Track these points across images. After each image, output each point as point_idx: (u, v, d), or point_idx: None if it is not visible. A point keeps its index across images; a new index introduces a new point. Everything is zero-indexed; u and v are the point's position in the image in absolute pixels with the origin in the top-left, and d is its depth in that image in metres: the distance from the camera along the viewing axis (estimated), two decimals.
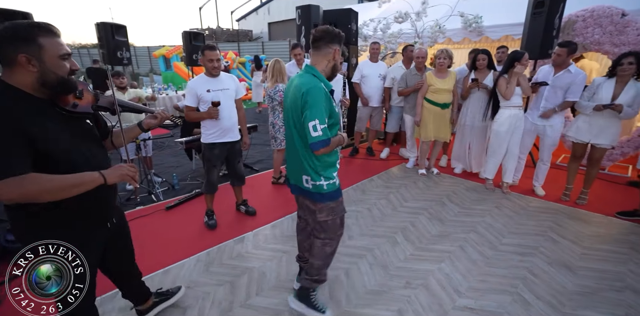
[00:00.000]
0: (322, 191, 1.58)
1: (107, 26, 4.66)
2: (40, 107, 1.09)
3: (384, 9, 5.98)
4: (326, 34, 1.50)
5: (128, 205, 3.29)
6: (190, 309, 1.85)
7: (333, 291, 1.99)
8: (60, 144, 1.09)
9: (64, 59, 1.10)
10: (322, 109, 1.44)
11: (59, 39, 1.10)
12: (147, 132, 1.52)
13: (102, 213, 1.31)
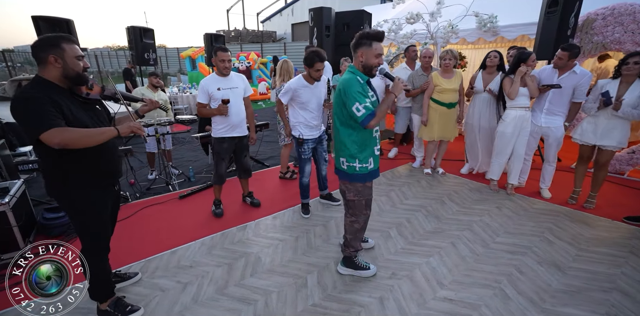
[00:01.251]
0: (353, 171, 1.92)
1: (136, 30, 5.06)
2: (65, 93, 1.50)
3: (399, 10, 6.01)
4: (352, 43, 1.83)
5: (148, 194, 3.60)
6: (190, 285, 2.06)
7: (321, 277, 2.13)
8: (81, 120, 1.49)
9: (79, 59, 1.51)
10: (357, 93, 1.76)
11: (76, 45, 1.50)
12: (142, 117, 1.91)
13: (111, 177, 1.70)
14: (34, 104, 1.36)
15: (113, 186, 1.76)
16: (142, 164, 4.63)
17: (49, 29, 4.28)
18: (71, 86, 1.52)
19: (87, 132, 1.43)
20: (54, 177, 1.55)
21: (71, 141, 1.38)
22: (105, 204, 1.68)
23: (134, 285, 2.05)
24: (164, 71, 20.65)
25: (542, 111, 3.09)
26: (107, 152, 1.61)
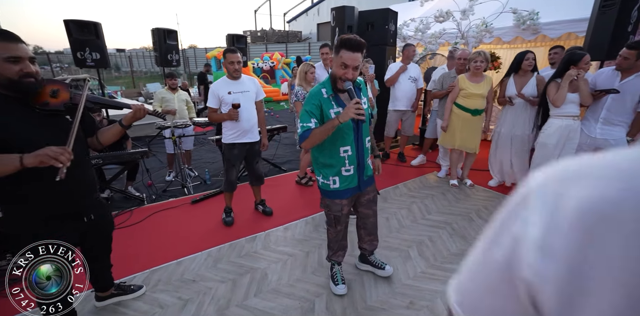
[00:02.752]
0: (318, 184, 1.91)
1: (160, 31, 5.11)
2: (8, 104, 1.27)
3: (427, 8, 5.67)
4: None
5: (163, 196, 3.58)
6: (190, 303, 1.94)
7: (330, 302, 1.94)
8: (23, 138, 1.25)
9: (11, 61, 1.21)
10: (305, 111, 1.66)
11: (10, 44, 1.21)
12: (129, 127, 1.60)
13: (70, 209, 1.45)
14: None
15: (81, 217, 1.51)
16: (161, 165, 4.66)
17: (78, 31, 4.42)
18: (19, 95, 1.28)
19: None
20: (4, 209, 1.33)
21: None
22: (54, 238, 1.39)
23: (136, 300, 1.96)
24: (191, 71, 21.28)
25: (597, 121, 2.69)
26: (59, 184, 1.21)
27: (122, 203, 3.37)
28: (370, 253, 2.20)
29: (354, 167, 1.79)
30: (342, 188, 1.82)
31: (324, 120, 1.66)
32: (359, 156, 1.79)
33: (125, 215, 3.06)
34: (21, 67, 1.24)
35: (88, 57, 4.37)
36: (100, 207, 1.67)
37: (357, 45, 1.52)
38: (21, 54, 1.24)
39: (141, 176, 3.79)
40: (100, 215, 1.65)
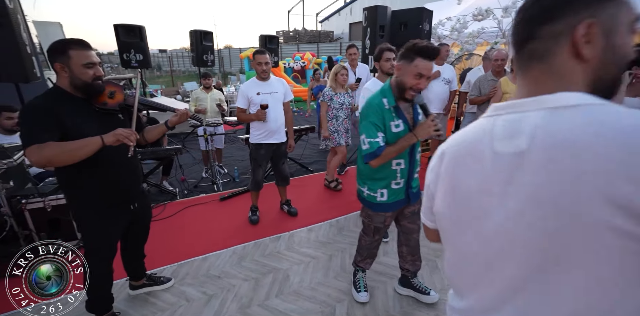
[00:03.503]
0: (362, 195, 1.79)
1: (197, 33, 5.33)
2: (77, 104, 1.43)
3: (465, 6, 5.40)
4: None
5: (194, 191, 3.73)
6: (214, 298, 2.00)
7: (352, 309, 1.90)
8: (87, 132, 1.37)
9: (87, 67, 1.39)
10: (370, 124, 1.54)
11: (87, 51, 1.39)
12: (173, 128, 1.78)
13: (121, 197, 1.60)
14: (30, 115, 1.31)
15: (128, 206, 1.67)
16: (194, 161, 4.86)
17: (125, 34, 4.73)
18: (86, 96, 1.44)
19: (66, 146, 1.30)
20: (65, 193, 1.55)
21: (49, 160, 1.28)
22: (111, 226, 1.60)
23: (164, 291, 2.06)
24: (226, 71, 22.06)
25: None
26: (110, 172, 1.50)
27: (157, 196, 3.55)
28: (413, 275, 1.99)
29: (404, 180, 1.68)
30: (390, 200, 1.70)
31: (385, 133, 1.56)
32: (410, 169, 1.68)
33: (159, 208, 3.22)
34: (94, 71, 1.41)
35: (132, 58, 4.67)
36: (144, 196, 1.82)
37: (434, 53, 1.44)
38: (95, 60, 1.42)
39: (175, 171, 3.98)
40: (143, 205, 1.79)
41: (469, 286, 0.62)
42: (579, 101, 0.46)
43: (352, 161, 4.68)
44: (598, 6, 0.47)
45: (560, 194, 0.43)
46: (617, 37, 0.48)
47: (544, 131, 0.46)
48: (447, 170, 0.61)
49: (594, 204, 0.40)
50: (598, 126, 0.42)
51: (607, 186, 0.39)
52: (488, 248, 0.54)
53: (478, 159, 0.54)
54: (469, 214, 0.57)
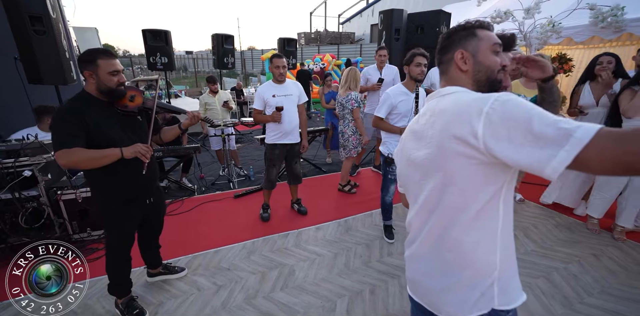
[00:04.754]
0: None
1: (219, 37, 5.56)
2: (101, 107, 1.58)
3: (485, 8, 5.30)
4: None
5: (211, 188, 3.91)
6: (223, 289, 2.12)
7: (352, 305, 1.97)
8: (109, 133, 1.56)
9: (113, 75, 1.54)
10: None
11: (113, 60, 1.54)
12: (186, 131, 1.94)
13: (139, 192, 1.75)
14: (60, 120, 1.46)
15: (144, 200, 1.81)
16: (213, 160, 5.07)
17: (152, 39, 5.02)
18: (109, 99, 1.60)
19: (90, 154, 1.46)
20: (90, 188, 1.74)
21: (75, 164, 1.46)
22: (128, 218, 1.74)
23: (179, 280, 2.21)
24: (248, 72, 22.58)
25: None
26: (129, 172, 1.63)
27: (176, 192, 3.76)
28: None
29: None
30: None
31: None
32: None
33: (177, 203, 3.42)
34: (118, 78, 1.57)
35: (158, 61, 4.95)
36: (159, 192, 1.98)
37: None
38: (119, 68, 1.57)
39: (194, 169, 4.19)
40: (158, 199, 1.96)
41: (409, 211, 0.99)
42: (453, 90, 0.85)
43: (365, 162, 4.72)
44: (465, 42, 0.86)
45: (438, 136, 0.78)
46: (480, 56, 0.85)
47: (435, 106, 0.85)
48: (400, 144, 0.99)
49: (449, 139, 0.75)
50: (455, 101, 0.79)
51: (452, 129, 0.74)
52: (414, 173, 0.90)
53: (412, 129, 0.92)
54: (407, 161, 0.93)
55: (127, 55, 31.91)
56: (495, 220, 0.80)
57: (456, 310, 0.85)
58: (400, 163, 0.98)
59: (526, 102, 0.67)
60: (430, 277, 0.90)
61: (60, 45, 2.70)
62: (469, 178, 0.76)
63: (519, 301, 0.86)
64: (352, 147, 3.48)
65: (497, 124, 0.67)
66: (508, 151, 0.66)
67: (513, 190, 0.82)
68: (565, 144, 0.60)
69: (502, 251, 0.83)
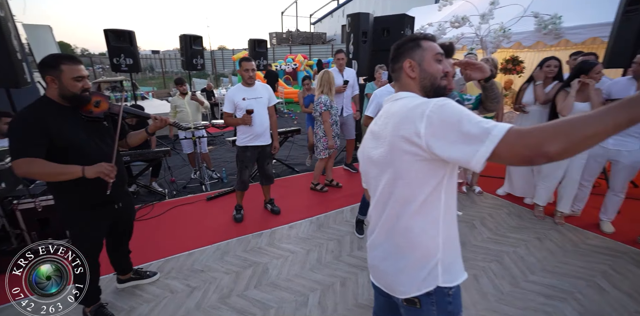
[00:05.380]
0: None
1: (187, 37, 5.45)
2: (64, 113, 1.55)
3: (446, 13, 5.62)
4: None
5: (183, 192, 3.86)
6: (197, 290, 2.14)
7: (323, 298, 2.06)
8: (73, 139, 1.53)
9: (77, 80, 1.52)
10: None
11: (78, 66, 1.52)
12: (153, 134, 1.89)
13: (106, 198, 1.68)
14: (20, 127, 1.42)
15: (112, 205, 1.78)
16: (185, 163, 4.98)
17: (115, 39, 4.83)
18: (73, 105, 1.56)
19: (50, 169, 1.43)
20: (53, 195, 1.68)
21: (32, 175, 1.43)
22: (95, 224, 1.72)
23: (151, 284, 2.20)
24: (218, 72, 22.10)
25: None
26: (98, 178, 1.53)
27: (146, 197, 3.68)
28: None
29: None
30: None
31: None
32: None
33: (147, 208, 3.35)
34: (83, 84, 1.55)
35: (122, 62, 4.77)
36: (127, 197, 1.95)
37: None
38: (84, 73, 1.55)
39: (164, 172, 4.10)
40: (127, 204, 1.93)
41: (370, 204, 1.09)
42: (403, 96, 0.97)
43: (337, 161, 4.84)
44: (412, 52, 0.98)
45: (390, 136, 0.89)
46: (425, 65, 0.97)
47: (389, 109, 0.96)
48: (362, 143, 1.09)
49: (398, 139, 0.87)
50: (403, 106, 0.90)
51: (401, 130, 0.86)
52: (373, 169, 1.01)
53: (371, 130, 1.03)
54: (367, 159, 1.04)
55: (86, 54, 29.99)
56: (438, 209, 0.92)
57: (408, 289, 0.97)
58: (362, 160, 1.08)
59: (458, 106, 0.79)
60: (386, 261, 1.01)
61: (10, 45, 2.57)
62: (414, 172, 0.88)
63: (460, 279, 0.98)
64: (322, 148, 3.58)
65: (436, 125, 0.78)
66: (443, 147, 0.78)
67: (455, 183, 0.94)
68: (485, 141, 0.71)
69: (445, 236, 0.94)
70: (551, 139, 0.65)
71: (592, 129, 0.62)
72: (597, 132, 0.62)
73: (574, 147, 0.64)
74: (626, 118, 0.60)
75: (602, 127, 0.62)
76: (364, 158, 1.06)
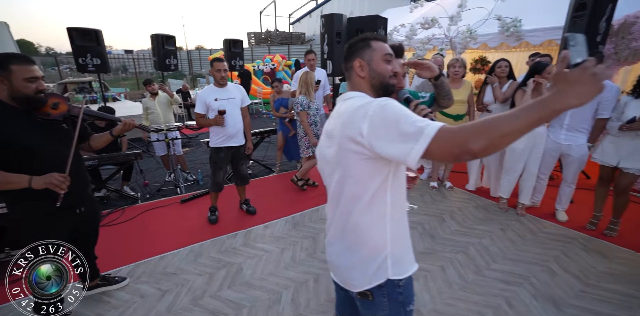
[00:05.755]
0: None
1: (158, 37, 5.32)
2: (16, 115, 1.49)
3: (418, 15, 5.80)
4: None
5: (157, 195, 3.78)
6: (168, 293, 2.12)
7: (296, 294, 2.10)
8: (27, 142, 1.47)
9: (30, 82, 1.46)
10: None
11: (30, 67, 1.46)
12: (118, 137, 1.85)
13: (65, 202, 1.59)
14: None
15: (74, 210, 1.71)
16: (159, 166, 4.86)
17: (80, 38, 4.65)
18: (26, 107, 1.50)
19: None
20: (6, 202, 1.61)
21: None
22: (54, 231, 1.62)
23: (119, 290, 2.15)
24: (196, 73, 21.63)
25: (562, 127, 2.82)
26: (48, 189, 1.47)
27: (117, 202, 3.57)
28: None
29: None
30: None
31: None
32: None
33: (117, 213, 3.26)
34: (37, 85, 1.49)
35: (89, 62, 4.60)
36: (90, 201, 1.88)
37: None
38: (38, 74, 1.49)
39: (137, 176, 4.00)
40: (90, 208, 1.85)
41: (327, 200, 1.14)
42: (352, 96, 0.99)
43: None
44: (362, 52, 1.01)
45: (339, 136, 0.93)
46: (374, 65, 1.00)
47: (339, 109, 1.00)
48: (319, 143, 1.11)
49: (345, 138, 0.90)
50: (350, 106, 0.93)
51: (347, 130, 0.89)
52: (327, 168, 1.04)
53: (325, 129, 1.05)
54: (322, 158, 1.07)
55: (51, 53, 28.34)
56: (384, 205, 0.95)
57: (360, 283, 1.01)
58: (318, 159, 1.11)
59: (398, 107, 0.82)
60: (340, 257, 1.05)
61: None
62: (360, 171, 0.91)
63: (410, 271, 1.03)
64: (305, 147, 3.61)
65: (377, 125, 0.82)
66: (383, 146, 0.81)
67: (402, 180, 0.98)
68: (419, 139, 0.75)
69: (392, 231, 0.98)
70: (474, 137, 0.70)
71: (508, 127, 0.67)
72: (512, 130, 0.67)
73: (494, 144, 0.69)
74: (537, 117, 0.66)
75: (517, 126, 0.67)
76: (319, 157, 1.09)
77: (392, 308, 1.01)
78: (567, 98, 0.64)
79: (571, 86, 0.64)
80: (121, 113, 6.03)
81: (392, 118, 0.80)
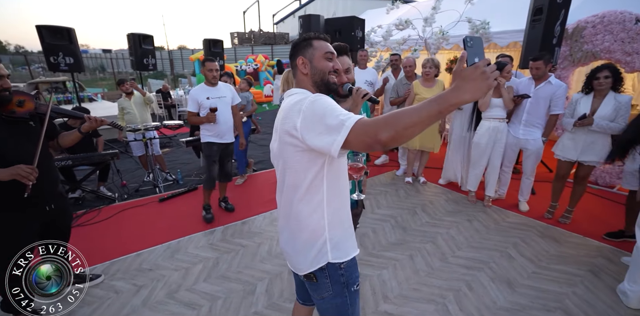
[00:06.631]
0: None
1: (135, 36, 5.27)
2: None
3: (394, 16, 5.98)
4: None
5: (135, 195, 3.76)
6: (144, 288, 2.16)
7: (270, 285, 2.18)
8: None
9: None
10: None
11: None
12: (87, 134, 1.84)
13: (33, 199, 1.61)
14: None
15: (43, 207, 1.70)
16: (138, 166, 4.82)
17: (51, 36, 4.55)
18: None
19: None
20: None
21: None
22: (21, 230, 1.61)
23: (93, 287, 2.17)
24: (177, 73, 21.26)
25: (520, 123, 3.02)
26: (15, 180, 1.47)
27: (94, 203, 3.54)
28: None
29: None
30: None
31: None
32: None
33: (93, 213, 3.24)
34: (1, 83, 1.49)
35: (61, 61, 4.50)
36: (61, 199, 1.87)
37: None
38: (2, 73, 1.48)
39: (114, 176, 3.96)
40: (60, 206, 1.84)
41: None
42: (294, 92, 1.06)
43: None
44: (305, 50, 1.08)
45: (280, 130, 1.00)
46: (315, 62, 1.06)
47: (282, 105, 1.06)
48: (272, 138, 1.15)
49: (283, 132, 0.97)
50: (289, 102, 1.00)
51: (285, 124, 0.96)
52: (274, 161, 1.11)
53: (275, 125, 1.09)
54: (271, 152, 1.13)
55: (21, 51, 27.14)
56: (321, 193, 1.02)
57: (304, 267, 1.09)
58: (271, 152, 1.16)
59: (327, 101, 0.90)
60: (288, 243, 1.13)
61: None
62: (297, 162, 0.99)
63: (351, 255, 1.10)
64: None
65: (308, 119, 0.89)
66: (312, 138, 0.88)
67: (339, 170, 1.05)
68: (340, 131, 0.82)
69: (330, 217, 1.05)
70: (383, 128, 0.76)
71: (411, 120, 0.74)
72: (415, 122, 0.74)
73: (400, 135, 0.75)
74: (436, 110, 0.73)
75: (418, 118, 0.74)
76: (271, 150, 1.15)
77: (335, 289, 1.10)
78: (461, 93, 0.71)
79: (465, 83, 0.71)
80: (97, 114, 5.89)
81: (320, 112, 0.87)
